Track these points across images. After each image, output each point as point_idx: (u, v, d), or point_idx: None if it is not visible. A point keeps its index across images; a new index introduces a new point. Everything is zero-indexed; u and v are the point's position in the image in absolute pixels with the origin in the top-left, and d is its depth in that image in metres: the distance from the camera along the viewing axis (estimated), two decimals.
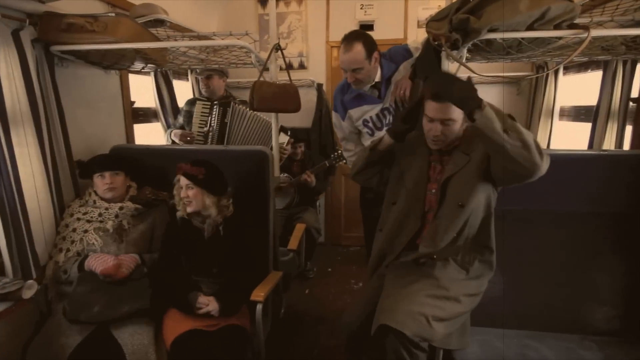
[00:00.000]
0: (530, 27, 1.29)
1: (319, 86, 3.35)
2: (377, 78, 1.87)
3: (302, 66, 3.46)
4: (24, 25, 1.54)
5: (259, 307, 1.57)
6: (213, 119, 2.32)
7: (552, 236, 1.65)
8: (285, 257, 2.19)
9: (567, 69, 2.59)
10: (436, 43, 1.62)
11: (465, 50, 1.42)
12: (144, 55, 1.63)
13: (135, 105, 2.39)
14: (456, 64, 1.72)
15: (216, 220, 1.66)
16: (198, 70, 2.45)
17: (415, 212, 1.50)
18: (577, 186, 1.65)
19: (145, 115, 2.54)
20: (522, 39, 1.32)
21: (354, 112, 1.96)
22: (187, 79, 3.01)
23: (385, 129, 1.93)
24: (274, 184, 1.90)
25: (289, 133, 2.74)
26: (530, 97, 3.04)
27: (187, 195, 1.58)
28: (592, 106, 2.25)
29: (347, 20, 3.28)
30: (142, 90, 2.56)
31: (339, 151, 2.86)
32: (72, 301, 1.51)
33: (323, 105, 3.32)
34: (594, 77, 2.37)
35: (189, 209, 1.60)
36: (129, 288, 1.58)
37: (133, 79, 2.42)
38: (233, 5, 3.42)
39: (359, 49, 1.71)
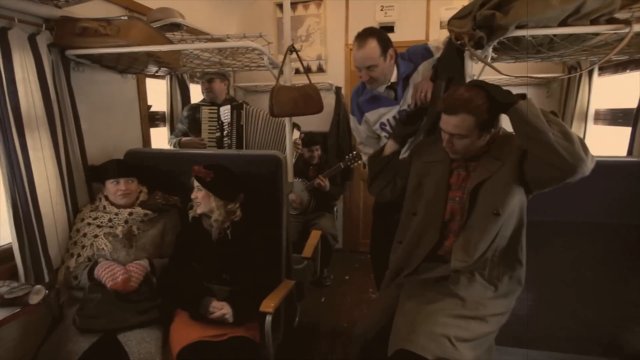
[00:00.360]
0: (563, 23, 1.18)
1: (338, 89, 3.28)
2: (393, 78, 1.77)
3: (320, 69, 3.40)
4: (41, 30, 1.56)
5: (269, 318, 1.51)
6: (225, 123, 2.29)
7: (585, 249, 1.52)
8: (299, 265, 2.13)
9: (603, 70, 2.42)
10: (459, 42, 1.53)
11: (490, 50, 1.32)
12: (156, 59, 1.62)
13: (152, 109, 2.40)
14: (480, 65, 1.62)
15: (223, 223, 1.62)
16: (199, 74, 2.40)
17: (434, 222, 1.40)
18: (613, 195, 1.51)
19: (162, 120, 2.54)
20: (555, 36, 1.21)
21: (371, 116, 1.87)
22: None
23: None
24: (287, 189, 1.84)
25: (300, 129, 2.65)
26: (562, 99, 2.87)
27: (197, 196, 1.61)
28: (632, 109, 2.09)
29: (367, 22, 3.18)
30: (160, 94, 2.57)
31: (354, 152, 2.78)
32: (82, 312, 1.50)
33: (341, 109, 3.25)
34: (633, 78, 2.20)
35: (198, 210, 1.62)
36: (138, 301, 1.56)
37: (150, 83, 2.43)
38: (252, 10, 3.41)
39: (373, 45, 1.62)
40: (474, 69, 1.58)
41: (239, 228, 1.66)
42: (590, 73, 2.45)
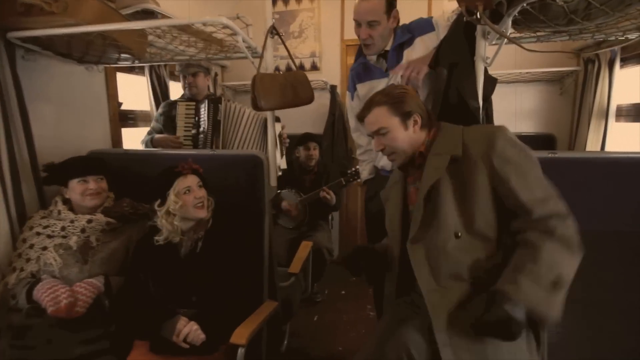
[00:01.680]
0: None
1: (333, 88, 3.05)
2: (388, 47, 1.57)
3: (314, 67, 3.18)
4: None
5: (241, 351, 1.24)
6: (202, 119, 2.05)
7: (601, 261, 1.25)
8: (285, 282, 1.86)
9: (626, 61, 2.17)
10: (469, 17, 1.29)
11: (510, 21, 1.08)
12: (113, 43, 1.37)
13: (125, 108, 2.16)
14: (493, 48, 1.38)
15: (196, 233, 1.38)
16: (179, 67, 2.15)
17: (396, 242, 1.22)
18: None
19: (135, 119, 2.30)
20: None
21: (361, 88, 1.67)
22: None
23: None
24: (269, 194, 1.59)
25: (279, 120, 2.34)
26: (578, 96, 2.62)
27: (202, 195, 1.38)
28: None
29: None
30: (133, 91, 2.33)
31: (355, 169, 2.50)
32: (16, 342, 1.25)
33: (336, 109, 3.01)
34: None
35: (202, 214, 1.37)
36: (85, 327, 1.30)
37: (123, 79, 2.19)
38: (242, 4, 3.19)
39: None
40: (486, 52, 1.34)
41: (212, 240, 1.41)
42: (611, 65, 2.20)
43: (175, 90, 2.55)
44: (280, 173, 1.57)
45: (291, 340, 2.15)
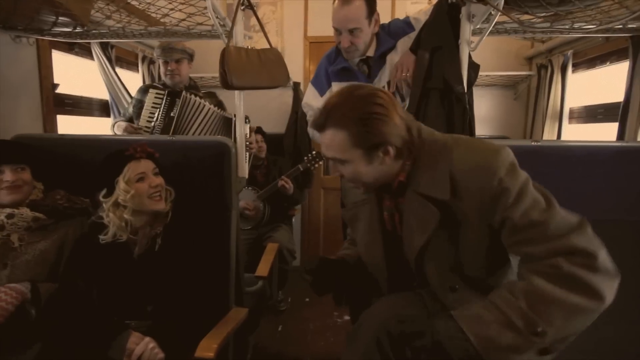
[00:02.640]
0: None
1: (296, 85, 2.93)
2: (371, 52, 1.50)
3: None
4: None
5: None
6: (159, 111, 1.83)
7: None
8: (252, 288, 1.68)
9: (577, 66, 2.30)
10: (452, 0, 1.25)
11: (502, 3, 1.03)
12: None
13: (62, 91, 1.86)
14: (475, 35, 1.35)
15: (154, 229, 1.17)
16: (158, 51, 1.91)
17: (381, 278, 1.03)
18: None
19: (75, 106, 1.99)
20: None
21: (337, 87, 1.54)
22: (137, 69, 2.49)
23: None
24: (238, 187, 1.42)
25: (248, 121, 2.00)
26: (531, 100, 2.75)
27: (158, 183, 1.17)
28: (615, 103, 1.95)
29: (328, 13, 2.86)
30: (79, 76, 2.04)
31: (314, 152, 2.38)
32: None
33: (299, 107, 2.88)
34: (611, 71, 2.09)
35: (159, 206, 1.16)
36: (5, 341, 1.03)
37: (62, 59, 1.90)
38: None
39: (358, 4, 1.36)
40: (469, 35, 1.31)
41: (173, 236, 1.21)
42: (564, 69, 2.32)
43: (128, 79, 2.28)
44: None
45: (255, 353, 1.95)
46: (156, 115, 1.84)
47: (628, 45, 1.81)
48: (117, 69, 2.22)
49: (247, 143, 1.78)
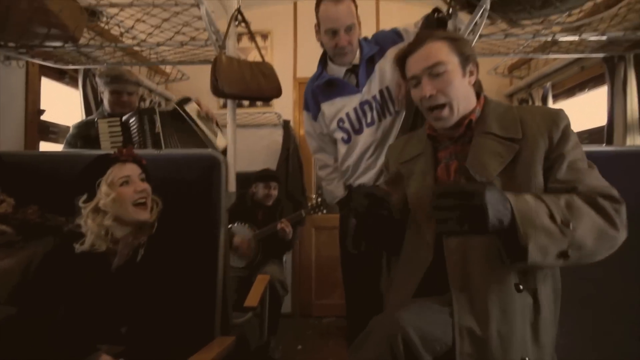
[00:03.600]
0: None
1: (286, 123, 2.96)
2: (355, 60, 1.48)
3: (266, 103, 3.09)
4: None
5: None
6: (133, 135, 1.71)
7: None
8: (240, 319, 1.52)
9: (557, 96, 2.40)
10: (440, 14, 1.31)
11: (489, 0, 1.07)
12: (41, 5, 1.12)
13: (47, 118, 1.82)
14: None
15: (137, 239, 1.07)
16: (105, 79, 1.73)
17: (423, 237, 0.97)
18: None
19: (59, 134, 1.93)
20: None
21: (327, 108, 1.52)
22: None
23: (366, 128, 1.49)
24: (227, 202, 1.34)
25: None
26: None
27: (144, 189, 1.08)
28: (598, 127, 2.01)
29: (316, 55, 3.04)
30: (66, 106, 2.02)
31: (318, 199, 2.33)
32: None
33: (290, 143, 2.90)
34: (589, 98, 2.18)
35: (143, 215, 1.06)
36: None
37: (52, 88, 1.89)
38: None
39: (349, 3, 1.39)
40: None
41: (157, 249, 1.11)
42: (545, 100, 2.42)
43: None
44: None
45: None
46: (133, 138, 1.72)
47: (604, 71, 1.90)
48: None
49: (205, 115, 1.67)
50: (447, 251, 0.90)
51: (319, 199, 2.31)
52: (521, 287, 0.85)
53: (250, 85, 1.28)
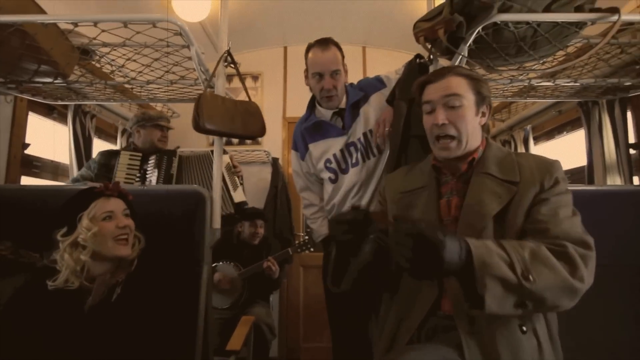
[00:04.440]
0: (547, 10, 1.06)
1: (275, 160, 2.98)
2: (342, 104, 1.55)
3: (255, 141, 3.13)
4: None
5: None
6: (148, 172, 1.81)
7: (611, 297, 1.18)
8: None
9: (537, 139, 2.48)
10: (421, 60, 1.38)
11: (466, 47, 1.13)
12: (34, 44, 1.14)
13: (31, 152, 1.80)
14: None
15: (114, 277, 1.02)
16: (140, 120, 1.92)
17: None
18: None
19: (42, 169, 1.91)
20: (539, 26, 1.07)
21: (314, 149, 1.57)
22: (116, 141, 2.48)
23: (352, 168, 1.52)
24: (211, 239, 1.31)
25: (226, 152, 2.09)
26: None
27: (127, 224, 1.06)
28: (579, 167, 2.07)
29: (305, 96, 3.12)
30: (50, 141, 2.00)
31: (306, 237, 2.31)
32: None
33: (279, 180, 2.90)
34: (568, 140, 2.26)
35: (124, 251, 1.04)
36: None
37: (38, 122, 1.89)
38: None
39: (334, 50, 1.47)
40: None
41: (135, 288, 1.06)
42: (526, 142, 2.50)
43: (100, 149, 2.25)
44: (228, 212, 1.32)
45: None
46: (143, 175, 1.83)
47: (580, 115, 1.99)
48: (96, 140, 2.22)
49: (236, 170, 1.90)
50: (451, 293, 0.89)
51: (307, 237, 2.28)
52: (524, 328, 0.85)
53: (234, 124, 1.30)
